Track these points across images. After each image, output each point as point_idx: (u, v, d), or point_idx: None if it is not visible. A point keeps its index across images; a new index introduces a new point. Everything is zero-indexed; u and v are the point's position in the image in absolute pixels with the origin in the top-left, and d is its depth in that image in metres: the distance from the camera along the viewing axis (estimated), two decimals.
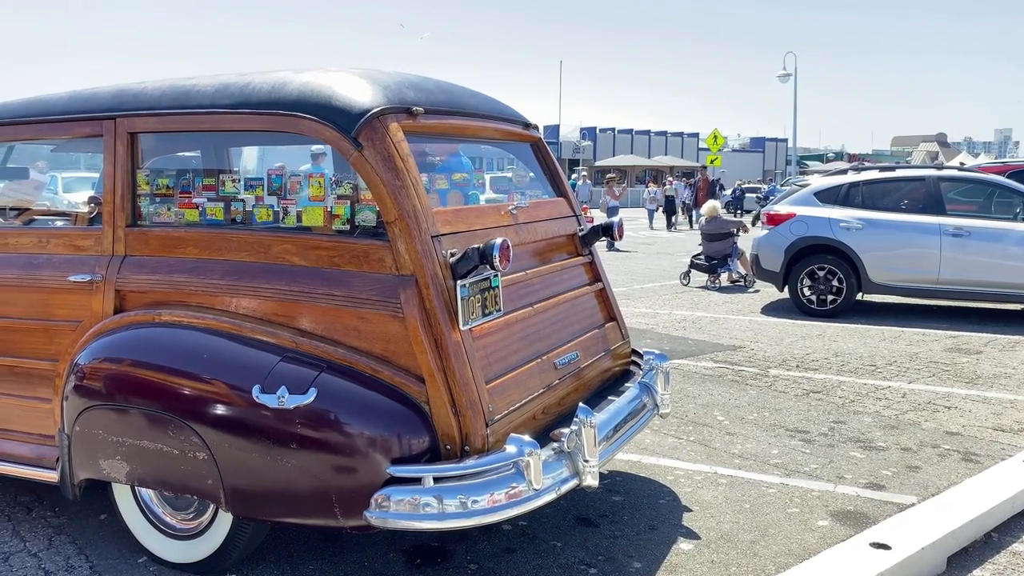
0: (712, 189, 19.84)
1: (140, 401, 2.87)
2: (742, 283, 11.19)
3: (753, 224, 14.78)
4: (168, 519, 3.11)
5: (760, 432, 4.82)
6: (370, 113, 2.82)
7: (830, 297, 8.78)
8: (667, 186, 25.49)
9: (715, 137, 29.31)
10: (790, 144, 44.30)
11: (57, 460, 3.13)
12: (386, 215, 2.77)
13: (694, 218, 23.57)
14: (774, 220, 9.31)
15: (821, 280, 8.82)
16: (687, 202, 24.62)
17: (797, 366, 6.53)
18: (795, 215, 9.09)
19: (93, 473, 3.01)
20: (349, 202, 2.93)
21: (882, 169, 9.57)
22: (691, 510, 3.70)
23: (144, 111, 3.14)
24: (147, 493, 3.12)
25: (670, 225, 24.25)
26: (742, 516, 3.64)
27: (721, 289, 11.02)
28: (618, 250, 16.31)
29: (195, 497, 2.93)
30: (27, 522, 3.51)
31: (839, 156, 60.15)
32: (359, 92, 2.90)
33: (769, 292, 10.26)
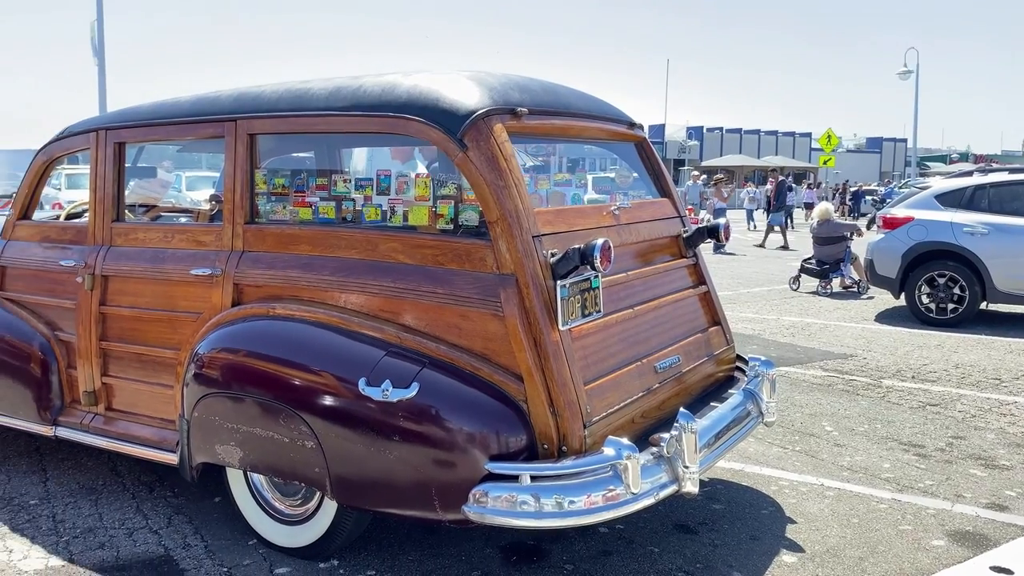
0: (781, 191, 18.75)
1: (254, 390, 3.01)
2: (855, 289, 10.76)
3: (868, 228, 14.19)
4: (277, 504, 3.24)
5: (871, 445, 4.62)
6: (475, 115, 2.86)
7: (950, 306, 8.33)
8: (769, 187, 24.69)
9: (828, 137, 28.28)
10: (910, 144, 42.19)
11: (177, 444, 3.31)
12: (488, 215, 2.81)
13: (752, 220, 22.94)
14: (891, 224, 8.90)
15: (941, 288, 8.37)
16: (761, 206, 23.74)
17: (913, 377, 6.22)
18: (914, 219, 8.66)
19: (209, 457, 3.17)
20: (453, 202, 2.98)
21: (1012, 171, 9.00)
22: (795, 522, 3.59)
23: (262, 113, 3.29)
24: (258, 478, 3.26)
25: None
26: (850, 531, 3.50)
27: (832, 295, 10.62)
28: (726, 253, 15.94)
29: (302, 484, 3.05)
30: (149, 500, 3.73)
31: (964, 157, 56.83)
32: (465, 94, 2.95)
33: (884, 299, 9.81)
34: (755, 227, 23.22)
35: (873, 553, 3.30)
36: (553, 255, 2.81)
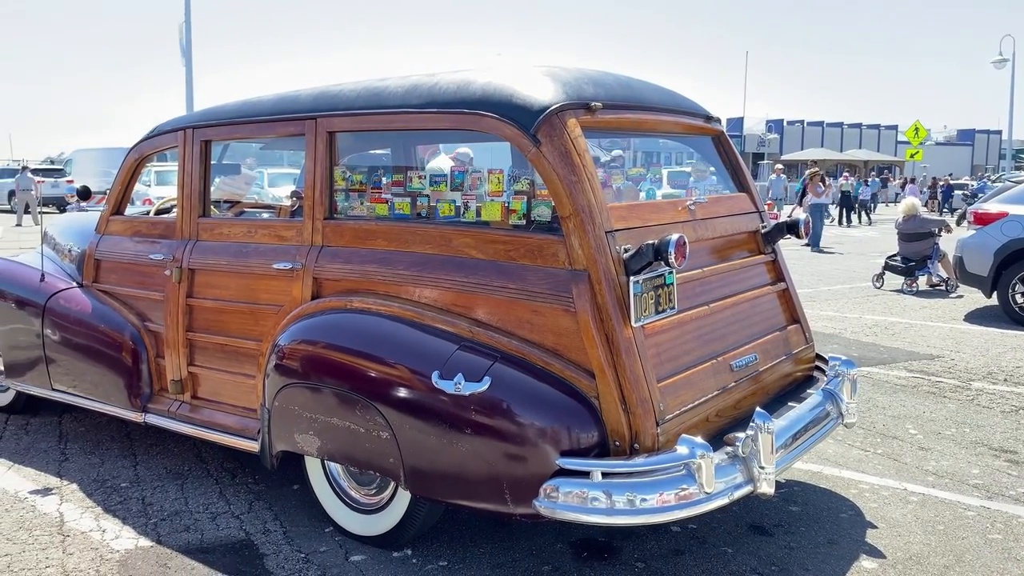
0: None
1: (332, 381, 3.08)
2: (943, 287, 10.33)
3: (958, 224, 13.61)
4: (353, 493, 3.32)
5: (958, 449, 4.44)
6: (549, 110, 2.86)
7: None
8: (842, 181, 23.87)
9: (916, 129, 27.18)
10: (1004, 136, 40.23)
11: (258, 432, 3.42)
12: (561, 210, 2.80)
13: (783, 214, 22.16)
14: (983, 220, 8.52)
15: None
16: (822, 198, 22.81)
17: (1005, 380, 5.94)
18: (1008, 214, 8.27)
19: (289, 446, 3.27)
20: (526, 197, 2.99)
21: None
22: (876, 527, 3.48)
23: (341, 111, 3.36)
24: (335, 467, 3.34)
25: (845, 221, 22.92)
26: (934, 538, 3.37)
27: (919, 293, 10.23)
28: (824, 251, 15.51)
29: (377, 474, 3.11)
30: (232, 486, 3.87)
31: None
32: (539, 89, 2.95)
33: (974, 298, 9.40)
34: (835, 222, 22.58)
35: (959, 562, 3.17)
36: (626, 251, 2.79)
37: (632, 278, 2.76)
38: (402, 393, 2.90)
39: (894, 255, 10.73)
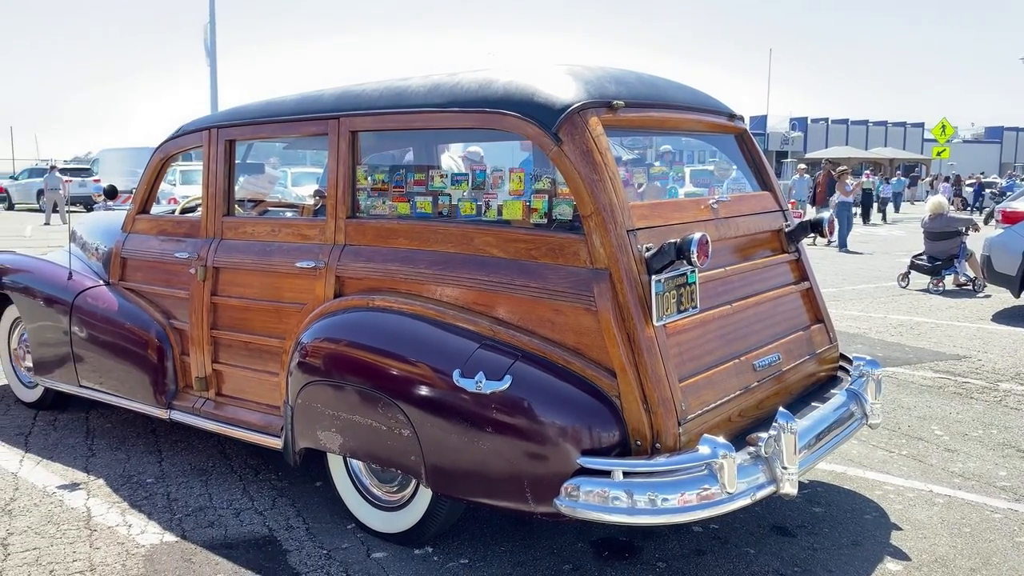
0: (833, 185, 17.56)
1: (354, 379, 3.10)
2: (970, 287, 10.19)
3: (986, 223, 13.42)
4: (375, 490, 3.34)
5: (985, 451, 4.38)
6: (571, 109, 2.86)
7: None
8: (864, 179, 23.55)
9: (943, 127, 26.84)
10: None
11: (281, 429, 3.45)
12: (582, 209, 2.80)
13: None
14: (1011, 218, 8.42)
15: None
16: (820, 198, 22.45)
17: None
18: None
19: (311, 443, 3.29)
20: (547, 196, 2.99)
21: None
22: (901, 529, 3.44)
23: (363, 111, 3.38)
24: (357, 464, 3.36)
25: (866, 219, 22.70)
26: (960, 540, 3.33)
27: (945, 293, 10.10)
28: (850, 251, 15.37)
29: (399, 471, 3.12)
30: (255, 483, 3.90)
31: None
32: (561, 88, 2.94)
33: (1002, 298, 9.26)
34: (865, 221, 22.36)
35: (986, 565, 3.13)
36: (648, 249, 2.78)
37: (654, 277, 2.75)
38: (423, 391, 2.91)
39: (920, 254, 10.60)
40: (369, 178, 3.45)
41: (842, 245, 15.49)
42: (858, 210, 22.89)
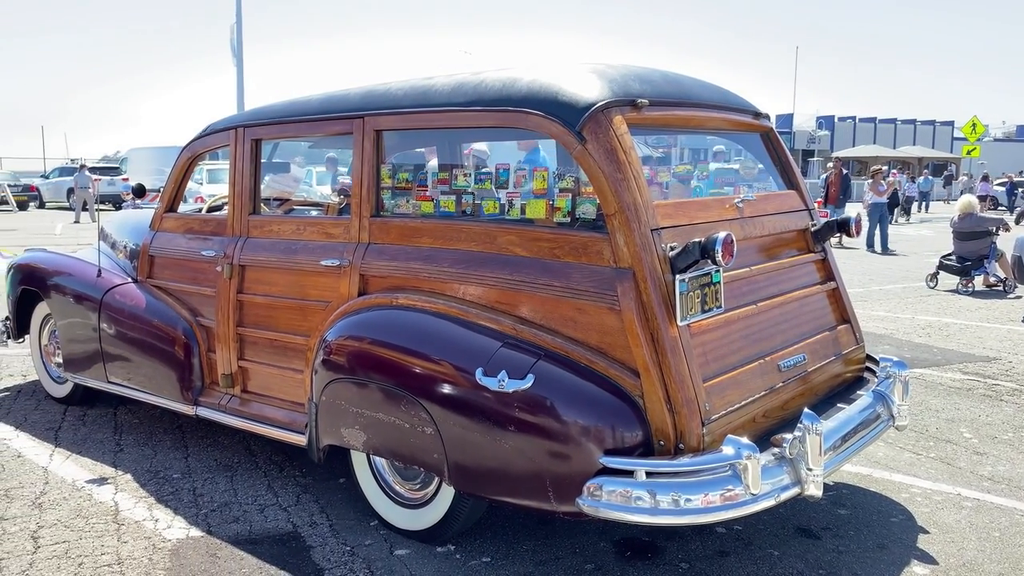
0: (846, 184, 17.18)
1: (378, 376, 3.12)
2: (1000, 288, 10.04)
3: (1017, 222, 13.20)
4: (398, 488, 3.35)
5: (1015, 454, 4.31)
6: (594, 107, 2.85)
7: None
8: (891, 178, 23.24)
9: (973, 125, 26.46)
10: None
11: (306, 426, 3.47)
12: (606, 208, 2.79)
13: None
14: None
15: None
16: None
17: None
18: None
19: (335, 440, 3.31)
20: (570, 195, 2.98)
21: None
22: (928, 532, 3.40)
23: (388, 110, 3.39)
24: (380, 462, 3.38)
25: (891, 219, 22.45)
26: (989, 545, 3.29)
27: (975, 294, 9.95)
28: (891, 253, 15.21)
29: (422, 469, 3.13)
30: (280, 479, 3.93)
31: None
32: (584, 87, 2.94)
33: None
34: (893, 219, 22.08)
35: (1015, 569, 3.08)
36: (672, 248, 2.77)
37: (678, 276, 2.73)
38: (446, 389, 2.92)
39: (949, 254, 10.46)
40: (393, 177, 3.46)
41: (870, 245, 15.26)
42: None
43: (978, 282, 10.23)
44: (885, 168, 18.00)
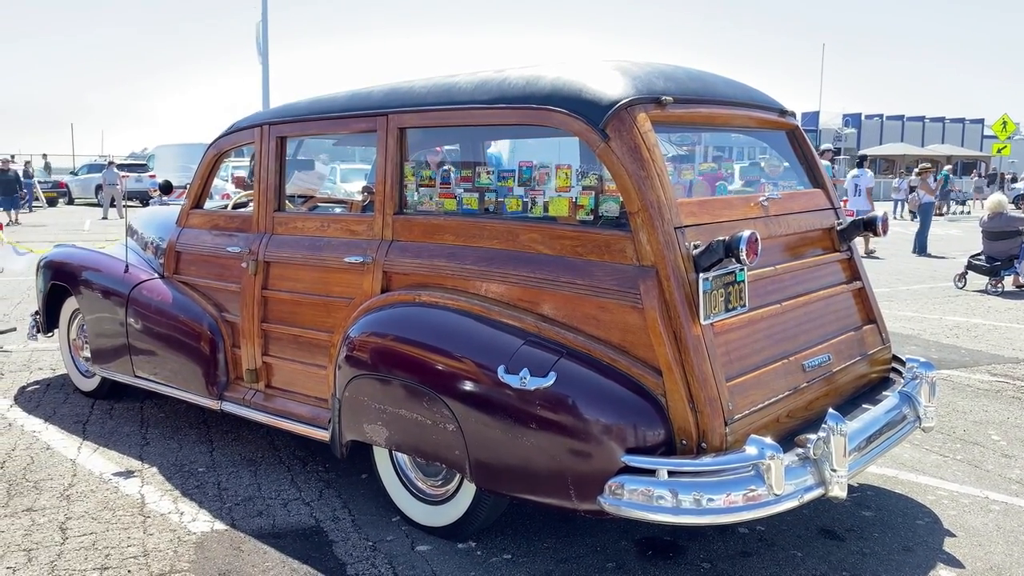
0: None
1: (401, 373, 3.13)
2: None
3: None
4: (419, 484, 3.36)
5: None
6: (618, 105, 2.84)
7: None
8: (912, 176, 22.93)
9: (1004, 123, 26.04)
10: None
11: (329, 421, 3.50)
12: (629, 206, 2.78)
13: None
14: None
15: None
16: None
17: None
18: None
19: (358, 435, 3.33)
20: (594, 193, 2.98)
21: None
22: (954, 535, 3.35)
23: (411, 108, 3.40)
24: (402, 458, 3.39)
25: (914, 217, 22.20)
26: (1017, 549, 3.24)
27: (1004, 294, 9.80)
28: (930, 255, 14.87)
29: (443, 465, 3.14)
30: (303, 474, 3.96)
31: None
32: (608, 84, 2.93)
33: None
34: (897, 217, 21.83)
35: None
36: (696, 247, 2.75)
37: (702, 275, 2.72)
38: (468, 386, 2.92)
39: (978, 254, 10.31)
40: (416, 174, 3.47)
41: (922, 250, 14.31)
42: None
43: (1008, 282, 10.08)
44: (932, 167, 17.61)
